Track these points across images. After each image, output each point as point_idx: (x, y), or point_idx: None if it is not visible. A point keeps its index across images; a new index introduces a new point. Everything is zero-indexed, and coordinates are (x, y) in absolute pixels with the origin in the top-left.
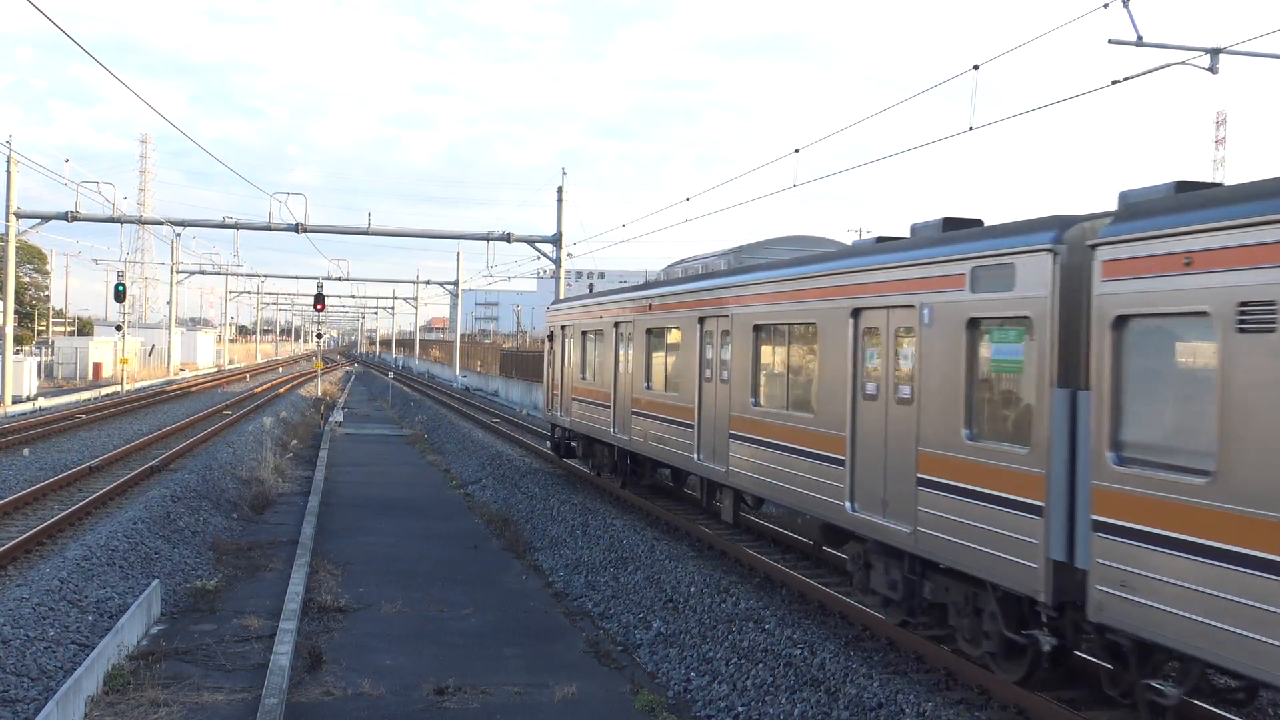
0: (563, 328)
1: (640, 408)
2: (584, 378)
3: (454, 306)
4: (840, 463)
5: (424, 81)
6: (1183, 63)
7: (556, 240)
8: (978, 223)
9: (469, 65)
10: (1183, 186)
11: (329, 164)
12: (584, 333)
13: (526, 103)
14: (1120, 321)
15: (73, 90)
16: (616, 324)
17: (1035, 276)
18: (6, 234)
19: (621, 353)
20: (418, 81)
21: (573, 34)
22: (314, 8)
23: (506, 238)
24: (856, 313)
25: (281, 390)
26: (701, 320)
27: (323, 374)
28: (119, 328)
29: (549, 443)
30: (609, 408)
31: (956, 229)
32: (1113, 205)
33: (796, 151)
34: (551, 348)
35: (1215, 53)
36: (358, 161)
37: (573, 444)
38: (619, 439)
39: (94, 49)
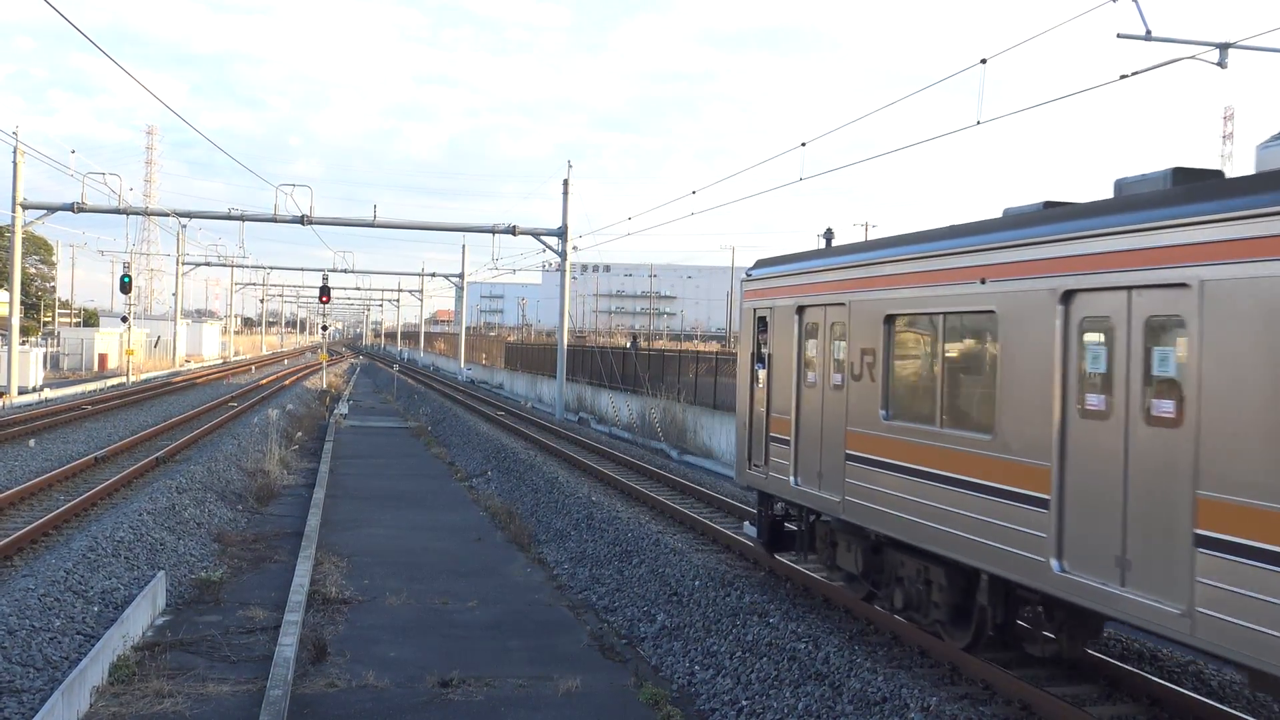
0: (800, 310)
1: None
2: (889, 415)
3: (459, 299)
4: None
5: (424, 73)
6: (1192, 57)
7: (562, 233)
8: None
9: (469, 56)
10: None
11: (331, 155)
12: (891, 318)
13: (527, 94)
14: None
15: (74, 80)
16: (1070, 295)
17: None
18: (13, 225)
19: (1120, 370)
20: (418, 73)
21: (573, 25)
22: None
23: (512, 230)
24: None
25: (287, 382)
26: None
27: (328, 366)
28: (125, 319)
29: (750, 522)
30: (1048, 511)
31: None
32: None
33: (803, 145)
34: (765, 350)
35: (1224, 47)
36: (359, 153)
37: (800, 528)
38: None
39: (94, 38)
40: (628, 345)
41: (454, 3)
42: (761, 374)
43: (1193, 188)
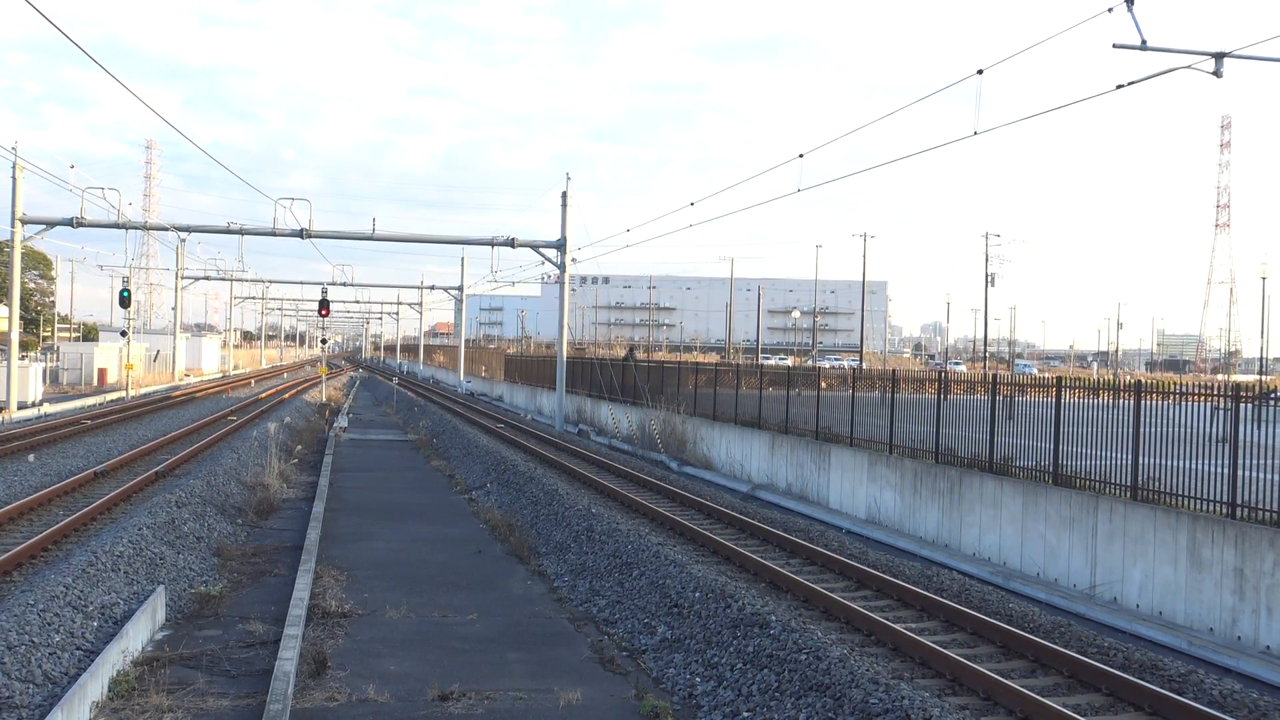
0: None
1: None
2: None
3: (458, 312)
4: None
5: (417, 85)
6: (1188, 67)
7: (561, 245)
8: None
9: (461, 68)
10: None
11: (326, 168)
12: None
13: (521, 106)
14: None
15: (66, 94)
16: None
17: None
18: (12, 240)
19: None
20: (411, 85)
21: (565, 37)
22: (304, 10)
23: (511, 243)
24: None
25: (286, 396)
26: None
27: (327, 379)
28: (124, 333)
29: None
30: None
31: None
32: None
33: (800, 156)
34: None
35: (1220, 56)
36: (354, 165)
37: None
38: None
39: (87, 52)
40: (623, 356)
41: (445, 15)
42: None
43: None
